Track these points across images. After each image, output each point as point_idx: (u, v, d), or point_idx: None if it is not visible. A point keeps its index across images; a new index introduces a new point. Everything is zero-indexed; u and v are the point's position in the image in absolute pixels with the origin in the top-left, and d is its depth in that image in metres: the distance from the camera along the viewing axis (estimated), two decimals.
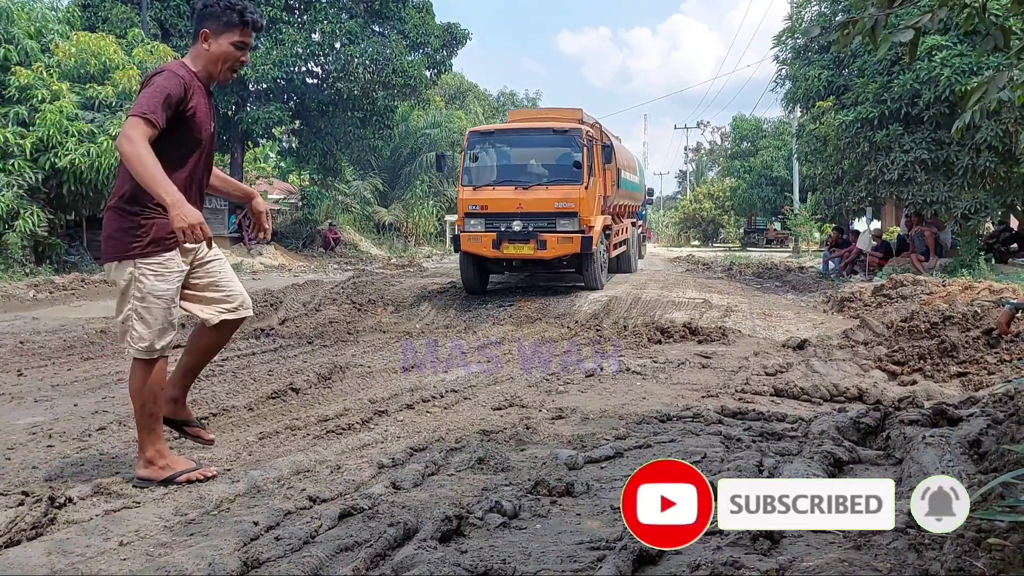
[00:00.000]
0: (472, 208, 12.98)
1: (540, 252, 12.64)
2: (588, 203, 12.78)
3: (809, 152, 20.54)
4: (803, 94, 20.15)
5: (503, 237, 12.73)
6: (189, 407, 4.00)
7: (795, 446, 3.89)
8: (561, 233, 12.65)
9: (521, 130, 13.99)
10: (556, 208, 12.69)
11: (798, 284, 16.92)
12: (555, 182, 12.96)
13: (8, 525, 2.80)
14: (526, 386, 5.90)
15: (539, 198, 12.77)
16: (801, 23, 21.97)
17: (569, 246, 12.61)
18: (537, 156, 13.59)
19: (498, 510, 2.93)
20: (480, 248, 12.86)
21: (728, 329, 8.84)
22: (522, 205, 12.73)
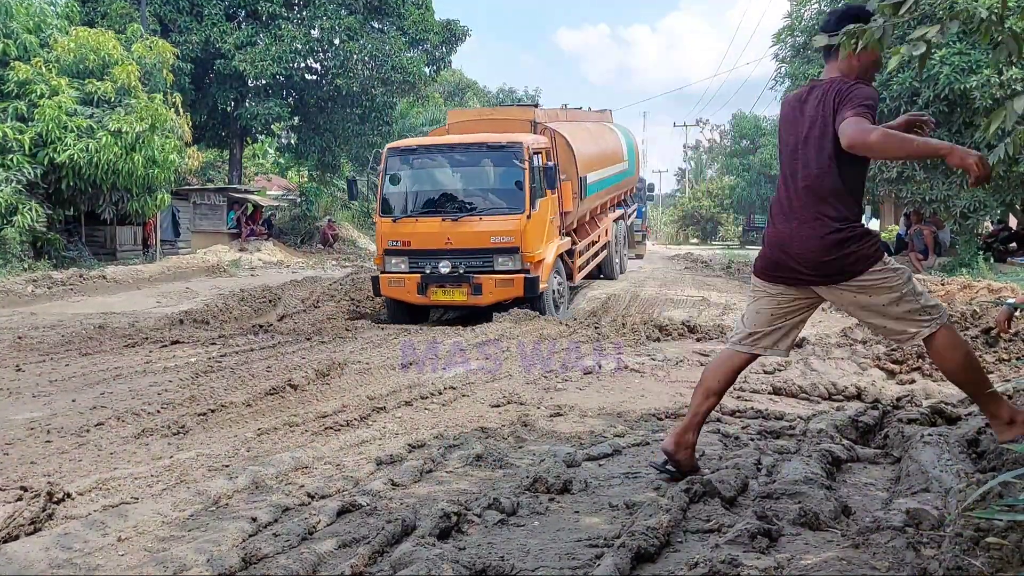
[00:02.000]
0: (392, 244, 10.89)
1: (475, 298, 10.47)
2: (533, 234, 10.60)
3: None
4: None
5: (429, 280, 10.60)
6: None
7: (793, 444, 3.89)
8: (500, 274, 10.47)
9: (449, 147, 11.47)
10: (492, 243, 10.54)
11: None
12: (490, 211, 10.74)
13: (7, 520, 2.80)
14: (524, 383, 5.90)
15: (472, 231, 10.57)
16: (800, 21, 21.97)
17: (509, 290, 10.41)
18: (469, 178, 11.36)
19: (496, 507, 2.94)
20: (403, 293, 10.77)
21: (727, 327, 8.83)
22: (451, 240, 10.59)
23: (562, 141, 12.42)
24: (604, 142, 15.51)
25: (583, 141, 13.51)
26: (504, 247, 10.52)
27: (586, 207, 13.27)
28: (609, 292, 13.69)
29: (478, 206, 10.85)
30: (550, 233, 11.24)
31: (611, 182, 15.30)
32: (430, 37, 28.61)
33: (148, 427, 4.46)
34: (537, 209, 10.70)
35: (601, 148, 14.93)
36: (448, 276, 10.59)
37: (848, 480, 3.36)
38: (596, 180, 13.57)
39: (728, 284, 16.25)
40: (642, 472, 3.51)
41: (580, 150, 12.80)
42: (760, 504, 2.85)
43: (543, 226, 10.96)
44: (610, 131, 16.94)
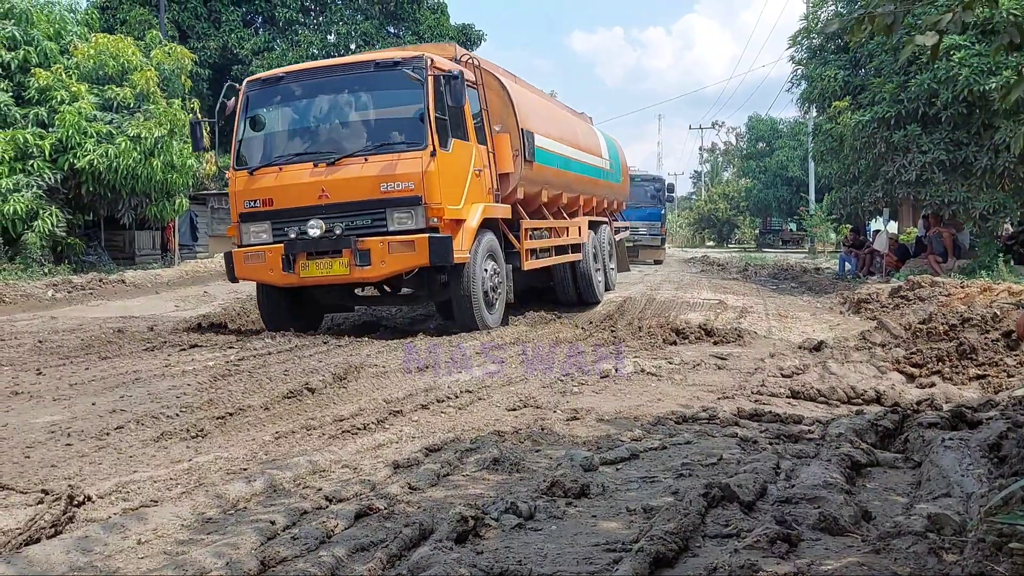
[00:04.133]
0: (249, 205, 8.51)
1: (360, 270, 8.07)
2: (444, 181, 8.18)
3: (825, 152, 20.46)
4: (819, 94, 20.08)
5: (295, 249, 8.17)
6: None
7: (812, 448, 3.87)
8: (395, 235, 8.06)
9: (327, 70, 8.95)
10: (384, 193, 8.07)
11: (814, 285, 16.86)
12: (381, 149, 8.27)
13: (28, 523, 2.82)
14: (540, 387, 5.90)
15: (355, 178, 8.15)
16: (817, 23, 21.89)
17: (409, 257, 8.07)
18: (352, 110, 8.85)
19: (514, 511, 2.93)
20: (264, 272, 8.44)
21: (744, 330, 8.80)
22: (327, 193, 8.18)
23: (493, 82, 9.97)
24: (571, 125, 13.41)
25: (532, 102, 11.29)
26: (400, 197, 8.04)
27: (540, 180, 10.72)
28: (625, 295, 13.67)
29: (364, 144, 8.40)
30: (475, 190, 8.83)
31: (584, 170, 13.03)
32: (445, 42, 28.69)
33: (167, 430, 4.48)
34: (450, 150, 8.33)
35: (564, 125, 12.76)
36: (321, 241, 8.11)
37: (868, 485, 3.34)
38: (557, 154, 11.39)
39: (745, 287, 16.20)
40: (660, 476, 3.50)
41: (523, 103, 10.41)
42: (779, 509, 2.83)
43: (460, 176, 8.59)
44: (586, 126, 15.18)
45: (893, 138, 16.14)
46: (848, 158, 18.26)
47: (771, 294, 14.83)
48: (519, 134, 9.84)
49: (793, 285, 17.42)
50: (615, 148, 16.57)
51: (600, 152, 14.60)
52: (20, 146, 15.91)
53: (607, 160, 15.06)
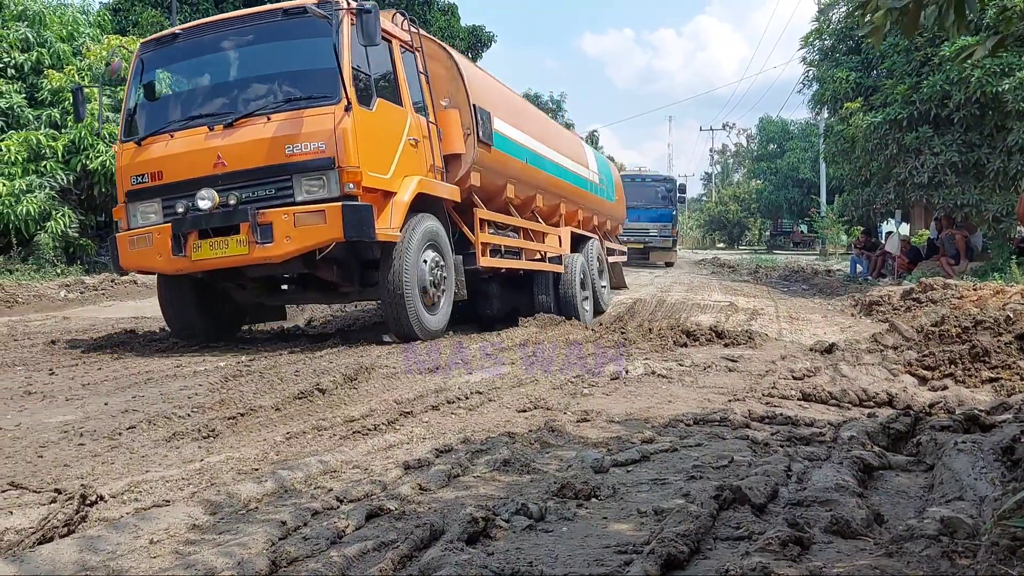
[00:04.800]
0: (137, 181, 7.39)
1: (261, 249, 6.93)
2: (362, 139, 7.08)
3: (836, 153, 20.41)
4: (831, 95, 20.05)
5: (184, 227, 7.11)
6: None
7: (824, 451, 3.85)
8: (303, 205, 6.95)
9: (228, 23, 7.75)
10: (289, 156, 6.95)
11: (825, 287, 16.80)
12: (286, 106, 7.20)
13: (41, 522, 2.83)
14: (551, 388, 5.89)
15: (256, 140, 7.05)
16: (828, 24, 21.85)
17: (319, 230, 6.90)
18: (254, 65, 7.72)
19: (524, 512, 2.93)
20: (152, 258, 7.31)
21: (754, 332, 8.78)
22: (224, 160, 7.08)
23: (439, 53, 9.07)
24: (548, 125, 12.79)
25: (489, 84, 10.31)
26: (309, 160, 6.93)
27: (503, 171, 9.77)
28: (635, 297, 13.66)
29: (266, 102, 7.29)
30: (409, 162, 7.79)
31: (565, 176, 12.10)
32: (456, 43, 28.73)
33: (179, 430, 4.50)
34: (373, 109, 7.31)
35: (538, 122, 12.05)
36: (214, 215, 6.99)
37: (880, 488, 3.32)
38: (527, 147, 10.54)
39: (755, 289, 16.18)
40: (670, 478, 3.49)
41: (475, 79, 9.43)
42: (791, 511, 2.82)
43: (388, 142, 7.53)
44: (571, 135, 14.91)
45: (905, 140, 16.09)
46: (860, 160, 18.21)
47: (782, 296, 14.79)
48: (471, 111, 8.83)
49: (804, 287, 17.38)
50: (607, 166, 15.84)
51: (586, 162, 13.84)
52: (33, 147, 16.00)
53: (596, 173, 14.25)
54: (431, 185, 8.13)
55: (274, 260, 7.11)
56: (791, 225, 51.30)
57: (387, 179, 7.43)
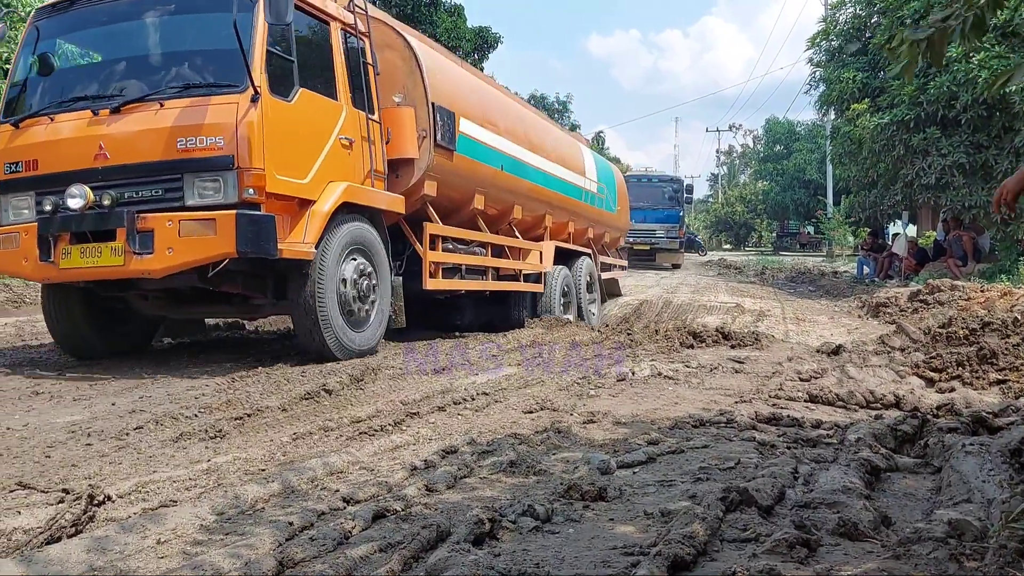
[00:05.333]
0: (10, 169, 6.41)
1: (138, 261, 5.88)
2: (273, 136, 6.08)
3: (843, 155, 20.39)
4: (837, 96, 20.02)
5: (52, 228, 6.15)
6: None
7: (831, 453, 3.85)
8: (192, 211, 5.93)
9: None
10: (180, 151, 5.95)
11: (832, 289, 16.78)
12: (184, 93, 6.14)
13: (49, 522, 2.84)
14: (557, 389, 5.90)
15: (143, 130, 6.05)
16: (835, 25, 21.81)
17: (206, 242, 5.85)
18: (151, 44, 6.59)
19: (531, 514, 2.93)
20: (16, 262, 6.37)
21: (761, 334, 8.77)
22: (107, 150, 6.08)
23: (394, 40, 8.04)
24: (535, 126, 11.24)
25: (457, 77, 9.17)
26: (204, 157, 5.92)
27: (469, 180, 8.84)
28: (641, 299, 13.65)
29: (159, 86, 6.21)
30: (337, 164, 6.82)
31: (554, 185, 11.01)
32: (462, 44, 28.74)
33: (186, 431, 4.51)
34: (291, 101, 6.35)
35: (521, 123, 10.59)
36: (85, 217, 5.99)
37: (887, 490, 3.32)
38: (503, 152, 9.49)
39: (762, 290, 16.15)
40: (677, 480, 3.49)
41: (437, 71, 8.35)
42: (798, 513, 2.82)
43: (311, 140, 6.59)
44: (567, 138, 13.27)
45: (912, 141, 16.05)
46: (867, 161, 18.18)
47: (789, 297, 14.77)
48: (429, 110, 7.81)
49: (811, 289, 17.36)
50: (610, 172, 14.50)
51: (582, 170, 12.49)
52: None
53: (594, 182, 12.95)
54: (363, 194, 7.10)
55: (153, 275, 6.01)
56: (798, 226, 51.26)
57: (303, 184, 6.43)
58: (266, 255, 6.03)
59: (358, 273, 7.01)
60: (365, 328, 7.15)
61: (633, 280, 19.80)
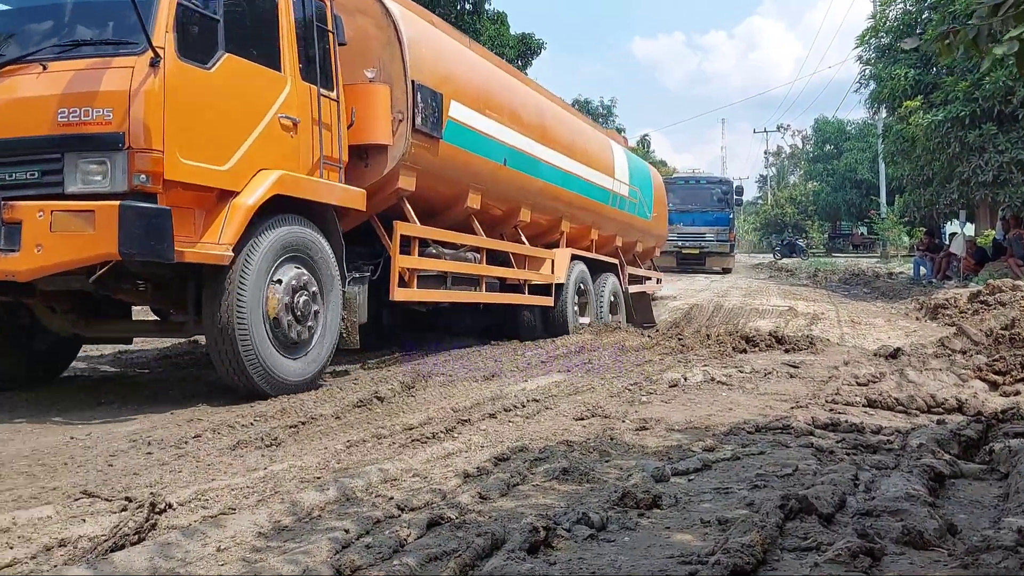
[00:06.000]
0: None
1: (3, 260, 4.84)
2: (180, 110, 5.04)
3: (896, 153, 20.02)
4: (889, 94, 19.66)
5: None
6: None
7: (892, 459, 3.77)
8: (71, 199, 4.88)
9: None
10: (62, 124, 4.91)
11: (887, 290, 16.46)
12: (75, 52, 5.10)
13: (113, 529, 2.90)
14: (608, 396, 5.86)
15: (20, 98, 5.04)
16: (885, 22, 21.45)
17: (82, 240, 4.79)
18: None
19: (585, 522, 2.91)
20: None
21: (816, 337, 8.63)
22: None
23: (371, 5, 7.00)
24: (553, 117, 9.98)
25: (449, 52, 7.93)
26: (89, 132, 4.88)
27: (461, 173, 7.90)
28: (692, 303, 13.53)
29: (50, 44, 5.18)
30: (271, 148, 5.73)
31: (574, 185, 9.99)
32: (506, 52, 28.81)
33: (242, 439, 4.57)
34: (211, 68, 5.27)
35: (534, 111, 9.40)
36: None
37: (952, 497, 3.24)
38: (509, 145, 8.47)
39: (815, 293, 15.92)
40: (733, 488, 3.44)
41: (422, 43, 7.22)
42: (860, 521, 2.76)
43: (236, 117, 5.51)
44: (596, 135, 11.78)
45: (968, 138, 15.71)
46: (921, 159, 17.83)
47: (843, 300, 14.53)
48: (408, 89, 6.79)
49: (866, 291, 17.05)
50: (645, 174, 13.21)
51: (610, 170, 11.26)
52: None
53: (626, 185, 11.71)
54: (303, 185, 5.97)
55: (19, 278, 4.91)
56: (850, 227, 50.45)
57: (222, 172, 5.33)
58: (159, 259, 4.88)
59: (295, 286, 5.82)
60: (303, 354, 5.96)
61: (683, 284, 19.65)
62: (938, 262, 18.54)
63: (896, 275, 20.91)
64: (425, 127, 6.97)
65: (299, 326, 5.86)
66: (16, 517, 3.05)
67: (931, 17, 18.05)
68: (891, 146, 20.42)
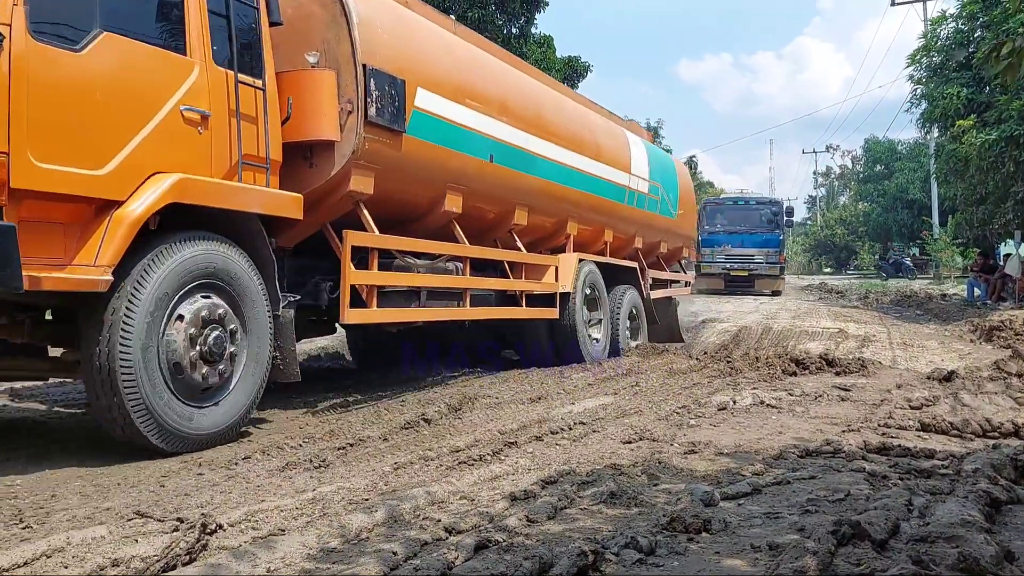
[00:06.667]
0: None
1: None
2: (30, 99, 4.08)
3: (949, 173, 19.69)
4: (941, 113, 19.37)
5: None
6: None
7: (947, 484, 3.68)
8: None
9: None
10: None
11: (941, 312, 16.13)
12: None
13: (165, 550, 2.94)
14: (656, 419, 5.82)
15: None
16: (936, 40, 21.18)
17: None
18: None
19: (634, 546, 2.89)
20: None
21: (867, 360, 8.48)
22: None
23: None
24: (549, 102, 8.92)
25: (421, 40, 6.89)
26: None
27: (436, 172, 6.85)
28: (740, 325, 13.39)
29: None
30: (171, 147, 4.82)
31: (574, 181, 8.90)
32: (553, 75, 28.95)
33: (291, 460, 4.62)
34: (83, 49, 4.37)
35: (521, 95, 8.28)
36: None
37: (1009, 523, 3.16)
38: (488, 135, 7.33)
39: (866, 315, 15.65)
40: (784, 512, 3.39)
41: (376, 23, 6.20)
42: (914, 548, 2.71)
43: (117, 105, 4.54)
44: (603, 123, 10.37)
45: (1022, 157, 15.38)
46: (974, 179, 17.51)
47: (895, 322, 14.26)
48: (358, 75, 5.89)
49: (918, 312, 16.73)
50: (670, 171, 12.06)
51: (626, 164, 10.16)
52: None
53: (645, 180, 10.62)
54: (210, 191, 5.01)
55: None
56: (902, 248, 49.64)
57: (98, 177, 4.42)
58: (3, 287, 3.97)
59: (205, 318, 4.90)
60: (215, 402, 5.03)
61: (731, 306, 19.46)
62: (993, 283, 18.13)
63: (949, 297, 20.48)
64: (381, 119, 6.00)
65: (209, 369, 4.91)
66: (70, 537, 3.12)
67: (983, 35, 17.77)
68: (943, 166, 20.09)
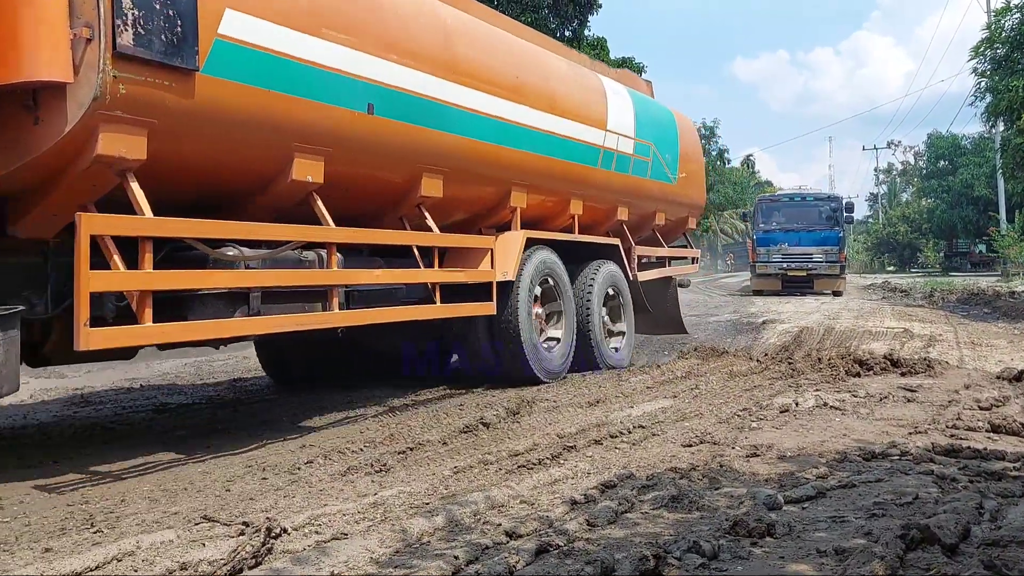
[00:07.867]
0: None
1: None
2: None
3: (1015, 167, 19.12)
4: (1006, 107, 18.84)
5: None
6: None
7: (1019, 487, 3.58)
8: None
9: None
10: None
11: (1010, 311, 15.66)
12: None
13: (231, 554, 3.00)
14: (716, 422, 5.75)
15: None
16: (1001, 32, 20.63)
17: None
18: None
19: (696, 550, 2.86)
20: None
21: (933, 360, 8.26)
22: None
23: None
24: (491, 45, 7.16)
25: None
26: None
27: (259, 129, 4.87)
28: (801, 325, 13.18)
29: None
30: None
31: (518, 139, 7.14)
32: None
33: (352, 465, 4.68)
34: None
35: (461, 35, 6.62)
36: None
37: None
38: (376, 81, 5.57)
39: (932, 314, 15.28)
40: (849, 516, 3.33)
41: None
42: (986, 552, 2.63)
43: None
44: (572, 68, 8.51)
45: None
46: None
47: (961, 321, 13.89)
48: None
49: (986, 311, 16.26)
50: (669, 126, 10.24)
51: (600, 119, 8.37)
52: None
53: (630, 139, 8.84)
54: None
55: None
56: (968, 245, 48.33)
57: None
58: None
59: None
60: None
61: (792, 306, 19.16)
62: None
63: (1019, 294, 19.88)
64: (147, 50, 4.11)
65: None
66: (140, 541, 3.20)
67: None
68: (1010, 160, 19.51)
